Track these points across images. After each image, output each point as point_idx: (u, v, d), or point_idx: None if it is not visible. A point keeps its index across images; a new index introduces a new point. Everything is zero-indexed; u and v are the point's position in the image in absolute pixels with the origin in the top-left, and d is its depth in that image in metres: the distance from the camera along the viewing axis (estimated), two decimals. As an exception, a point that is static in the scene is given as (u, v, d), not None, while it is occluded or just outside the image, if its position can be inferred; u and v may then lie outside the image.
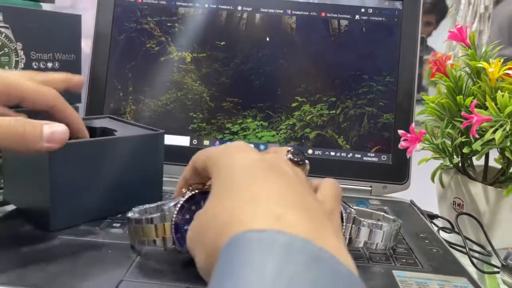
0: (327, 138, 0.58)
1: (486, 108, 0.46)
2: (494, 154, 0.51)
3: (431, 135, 0.51)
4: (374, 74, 0.58)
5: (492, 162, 0.52)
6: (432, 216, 0.54)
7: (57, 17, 0.54)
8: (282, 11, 0.59)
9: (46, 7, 0.59)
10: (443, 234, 0.52)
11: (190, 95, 0.59)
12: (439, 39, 2.36)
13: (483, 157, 0.51)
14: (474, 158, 0.51)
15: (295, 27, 0.59)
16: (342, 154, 0.58)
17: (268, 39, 0.59)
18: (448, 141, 0.51)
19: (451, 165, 0.53)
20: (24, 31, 0.51)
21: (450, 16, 1.59)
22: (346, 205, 0.36)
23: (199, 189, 0.33)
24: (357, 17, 0.59)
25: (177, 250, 0.33)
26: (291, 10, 0.59)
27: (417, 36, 0.58)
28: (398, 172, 0.57)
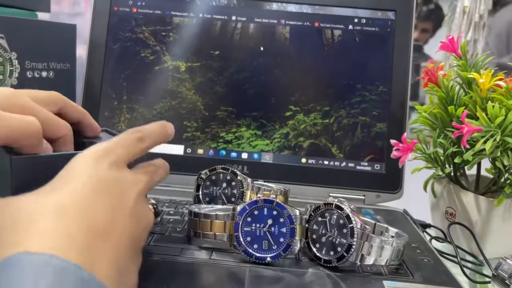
0: (321, 147, 0.58)
1: (477, 119, 0.46)
2: (487, 164, 0.51)
3: (424, 144, 0.52)
4: (367, 84, 0.58)
5: (484, 172, 0.52)
6: (425, 226, 0.55)
7: (52, 27, 0.54)
8: (276, 21, 0.60)
9: (42, 16, 0.60)
10: (436, 244, 0.52)
11: (185, 104, 0.59)
12: (436, 47, 2.37)
13: (475, 167, 0.51)
14: (466, 168, 0.51)
15: (289, 37, 0.59)
16: (336, 163, 0.58)
17: (262, 49, 0.59)
18: (440, 151, 0.51)
19: (443, 175, 0.53)
20: (19, 41, 0.51)
21: (446, 25, 1.60)
22: (361, 222, 0.37)
23: (265, 195, 0.38)
24: (351, 27, 0.59)
25: (234, 246, 0.38)
26: (285, 20, 0.60)
27: (410, 46, 0.59)
28: (391, 181, 0.57)
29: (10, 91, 0.32)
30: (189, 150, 0.59)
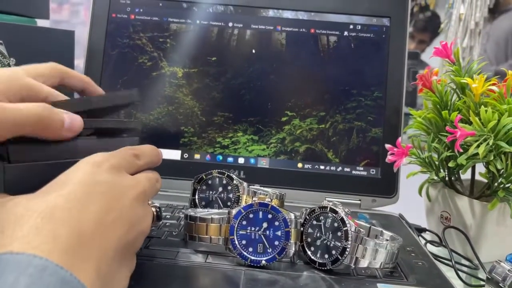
0: (317, 152, 0.59)
1: (471, 123, 0.46)
2: (481, 169, 0.51)
3: (418, 149, 0.52)
4: (363, 89, 0.59)
5: (479, 176, 0.52)
6: (420, 230, 0.55)
7: (51, 33, 0.55)
8: (272, 28, 0.60)
9: (41, 23, 0.61)
10: (432, 248, 0.52)
11: (182, 110, 0.60)
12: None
13: (470, 171, 0.52)
14: (461, 172, 0.51)
15: (285, 43, 0.60)
16: (332, 168, 0.58)
17: (259, 55, 0.60)
18: (435, 155, 0.51)
19: (438, 179, 0.54)
20: (18, 47, 0.52)
21: (442, 32, 1.62)
22: (355, 225, 0.37)
23: (261, 199, 0.38)
24: (346, 34, 0.60)
25: (229, 250, 0.38)
26: (281, 27, 0.60)
27: (405, 52, 0.59)
28: (387, 186, 0.58)
29: (8, 73, 0.31)
30: (186, 155, 0.59)
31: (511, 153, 0.46)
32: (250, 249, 0.38)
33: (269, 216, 0.38)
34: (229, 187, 0.47)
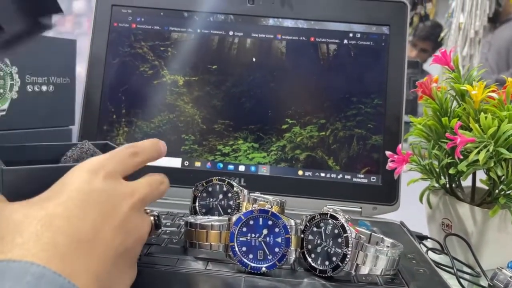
0: (317, 160, 0.59)
1: (471, 130, 0.47)
2: (482, 175, 0.51)
3: (419, 156, 0.52)
4: (363, 97, 0.59)
5: (480, 183, 0.52)
6: (422, 237, 0.55)
7: (53, 42, 0.56)
8: (273, 36, 0.61)
9: (44, 33, 0.61)
10: (433, 256, 0.52)
11: (182, 117, 0.60)
12: (435, 64, 2.39)
13: (471, 178, 0.52)
14: (461, 179, 0.51)
15: (285, 52, 0.60)
16: (332, 175, 0.58)
17: (259, 63, 0.60)
18: (436, 162, 0.51)
19: (439, 186, 0.53)
20: (20, 55, 0.52)
21: (443, 42, 1.62)
22: (356, 232, 0.37)
23: (261, 206, 0.38)
24: (346, 42, 0.60)
25: (230, 256, 0.38)
26: (281, 35, 0.61)
27: (404, 59, 0.60)
28: (388, 193, 0.57)
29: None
30: (187, 163, 0.59)
31: (512, 160, 0.46)
32: (251, 256, 0.38)
33: (269, 223, 0.38)
34: (230, 194, 0.47)
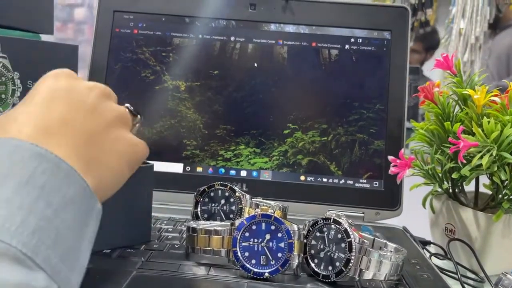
0: (319, 165, 0.59)
1: (474, 134, 0.46)
2: (486, 180, 0.51)
3: (421, 161, 0.52)
4: (365, 102, 0.59)
5: (484, 188, 0.52)
6: (425, 243, 0.54)
7: (54, 47, 0.55)
8: (274, 41, 0.61)
9: (46, 39, 0.61)
10: (437, 261, 0.51)
11: (184, 123, 0.60)
12: (436, 70, 2.40)
13: (474, 183, 0.51)
14: (464, 184, 0.51)
15: (287, 57, 0.61)
16: (335, 181, 0.58)
17: (260, 68, 0.60)
18: (438, 167, 0.51)
19: (442, 191, 0.53)
20: (22, 61, 0.52)
21: (443, 47, 1.63)
22: (359, 237, 0.37)
23: (263, 210, 0.38)
24: (347, 47, 0.60)
25: (232, 262, 0.38)
26: (283, 41, 0.61)
27: (406, 64, 0.60)
28: (390, 199, 0.57)
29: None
30: (188, 168, 0.59)
31: (515, 164, 0.46)
32: (253, 261, 0.38)
33: (272, 228, 0.38)
34: (232, 199, 0.47)
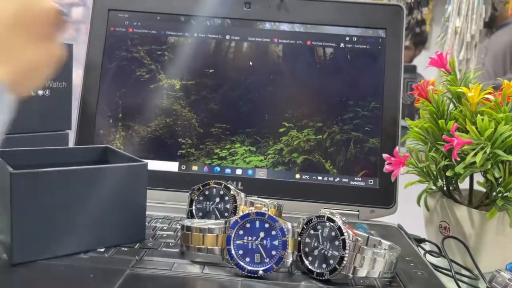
0: (314, 163, 0.59)
1: (468, 132, 0.46)
2: (480, 178, 0.51)
3: (416, 159, 0.52)
4: (360, 100, 0.59)
5: (478, 186, 0.52)
6: (420, 240, 0.54)
7: (49, 46, 0.55)
8: (269, 40, 0.61)
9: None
10: (432, 258, 0.52)
11: (179, 121, 0.60)
12: (431, 68, 2.40)
13: (468, 181, 0.52)
14: (459, 181, 0.51)
15: (282, 55, 0.61)
16: (330, 179, 0.58)
17: (256, 67, 0.60)
18: (433, 165, 0.51)
19: (436, 189, 0.53)
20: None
21: (439, 46, 1.63)
22: (353, 234, 0.37)
23: (257, 208, 0.38)
24: (342, 45, 0.61)
25: (226, 260, 0.38)
26: (278, 39, 0.61)
27: (401, 62, 0.60)
28: (385, 196, 0.57)
29: None
30: (184, 167, 0.59)
31: (509, 162, 0.46)
32: (247, 259, 0.38)
33: (266, 226, 0.38)
34: (227, 198, 0.47)
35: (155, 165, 0.58)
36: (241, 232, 0.38)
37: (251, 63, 0.61)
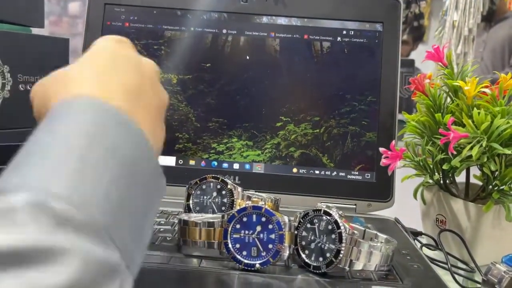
0: (312, 157, 0.59)
1: (464, 126, 0.47)
2: (476, 171, 0.51)
3: (413, 153, 0.52)
4: (357, 94, 0.59)
5: (475, 180, 0.52)
6: (416, 234, 0.55)
7: (45, 41, 0.55)
8: (266, 34, 0.61)
9: (37, 32, 0.61)
10: (428, 252, 0.52)
11: (176, 116, 0.60)
12: (427, 62, 2.40)
13: (465, 174, 0.52)
14: (455, 175, 0.51)
15: (279, 49, 0.60)
16: (327, 173, 0.58)
17: (253, 61, 0.60)
18: (430, 159, 0.51)
19: (433, 182, 0.53)
20: (12, 54, 0.52)
21: (437, 40, 1.63)
22: (350, 228, 0.37)
23: (254, 202, 0.38)
24: (339, 39, 0.60)
25: (223, 254, 0.38)
26: (275, 33, 0.61)
27: (398, 56, 0.60)
28: (382, 190, 0.57)
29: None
30: (181, 161, 0.59)
31: (505, 155, 0.46)
32: (244, 253, 0.38)
33: (263, 219, 0.38)
34: (224, 192, 0.47)
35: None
36: (238, 226, 0.38)
37: (248, 57, 0.60)
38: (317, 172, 0.58)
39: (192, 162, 0.59)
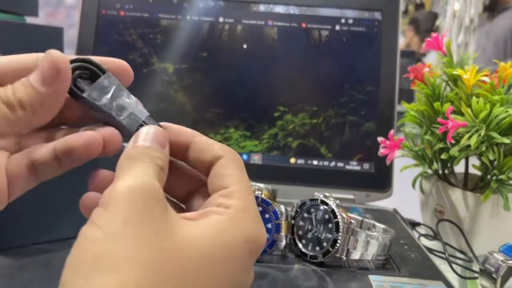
0: (310, 147, 0.58)
1: (463, 115, 0.46)
2: (475, 161, 0.51)
3: (411, 143, 0.52)
4: (355, 84, 0.59)
5: (472, 169, 0.52)
6: (415, 224, 0.54)
7: (39, 30, 0.55)
8: (264, 23, 0.60)
9: (31, 21, 0.60)
10: (426, 242, 0.52)
11: (173, 106, 0.59)
12: (430, 55, 2.39)
13: (463, 164, 0.51)
14: (454, 165, 0.51)
15: (277, 38, 0.60)
16: (325, 163, 0.58)
17: (250, 50, 0.60)
18: (428, 148, 0.51)
19: (431, 172, 0.53)
20: (6, 43, 0.51)
21: (438, 30, 1.62)
22: (347, 217, 0.36)
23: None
24: (338, 28, 0.60)
25: None
26: (272, 22, 0.60)
27: (397, 46, 0.59)
28: (381, 180, 0.57)
29: None
30: (178, 152, 0.59)
31: (504, 144, 0.46)
32: None
33: (260, 209, 0.38)
34: (220, 182, 0.46)
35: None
36: None
37: (245, 46, 0.60)
38: (315, 163, 0.58)
39: (189, 153, 0.59)
